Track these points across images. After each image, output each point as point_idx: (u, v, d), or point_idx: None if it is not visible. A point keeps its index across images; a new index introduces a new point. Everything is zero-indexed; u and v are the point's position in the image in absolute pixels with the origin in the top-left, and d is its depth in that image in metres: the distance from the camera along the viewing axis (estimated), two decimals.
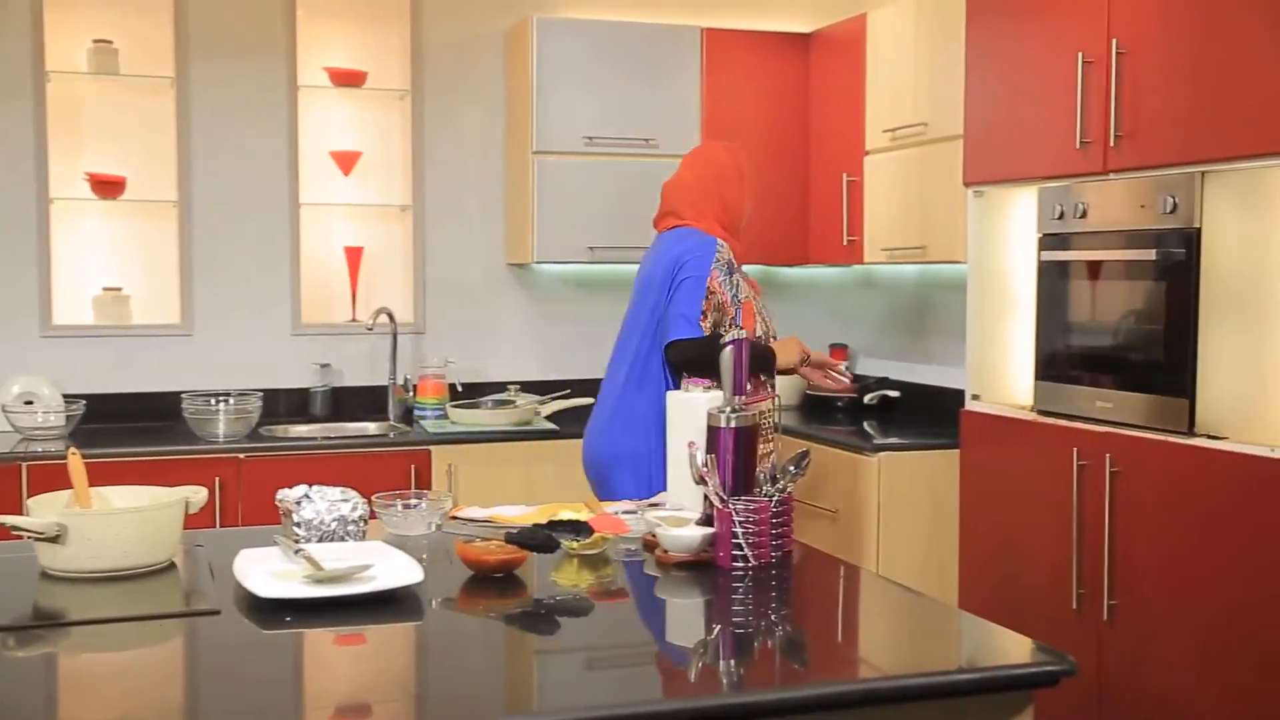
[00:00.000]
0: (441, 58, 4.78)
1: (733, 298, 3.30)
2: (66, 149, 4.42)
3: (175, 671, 1.81)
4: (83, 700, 1.68)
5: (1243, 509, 2.76)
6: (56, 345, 4.41)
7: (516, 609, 2.04)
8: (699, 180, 3.46)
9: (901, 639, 2.02)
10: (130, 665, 1.81)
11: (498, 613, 2.01)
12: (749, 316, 3.31)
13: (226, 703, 1.62)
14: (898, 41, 4.24)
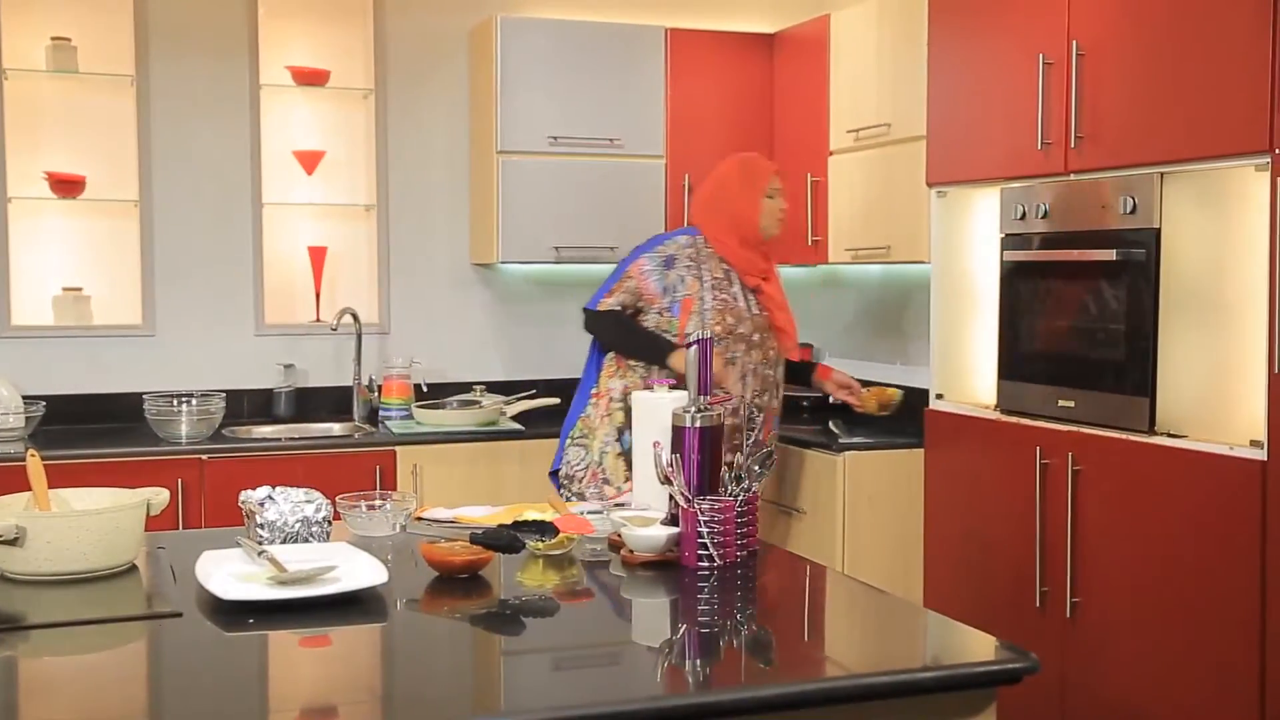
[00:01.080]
0: (405, 57, 4.76)
1: (662, 290, 3.49)
2: (25, 148, 4.37)
3: (137, 674, 1.80)
4: (43, 704, 1.66)
5: (1203, 507, 2.79)
6: (16, 346, 4.36)
7: (482, 610, 2.04)
8: (705, 191, 3.74)
9: (867, 638, 2.03)
10: (91, 668, 1.80)
11: (463, 613, 2.01)
12: (684, 315, 3.45)
13: (189, 706, 1.60)
14: (861, 42, 4.26)
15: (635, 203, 4.72)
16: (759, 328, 3.54)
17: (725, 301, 3.49)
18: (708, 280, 3.50)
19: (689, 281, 3.49)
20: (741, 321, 3.49)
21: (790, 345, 3.67)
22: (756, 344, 3.52)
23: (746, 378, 3.51)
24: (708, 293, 3.48)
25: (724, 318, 3.46)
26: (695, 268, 3.50)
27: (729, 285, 3.53)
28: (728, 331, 3.44)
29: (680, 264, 3.52)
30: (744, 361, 3.50)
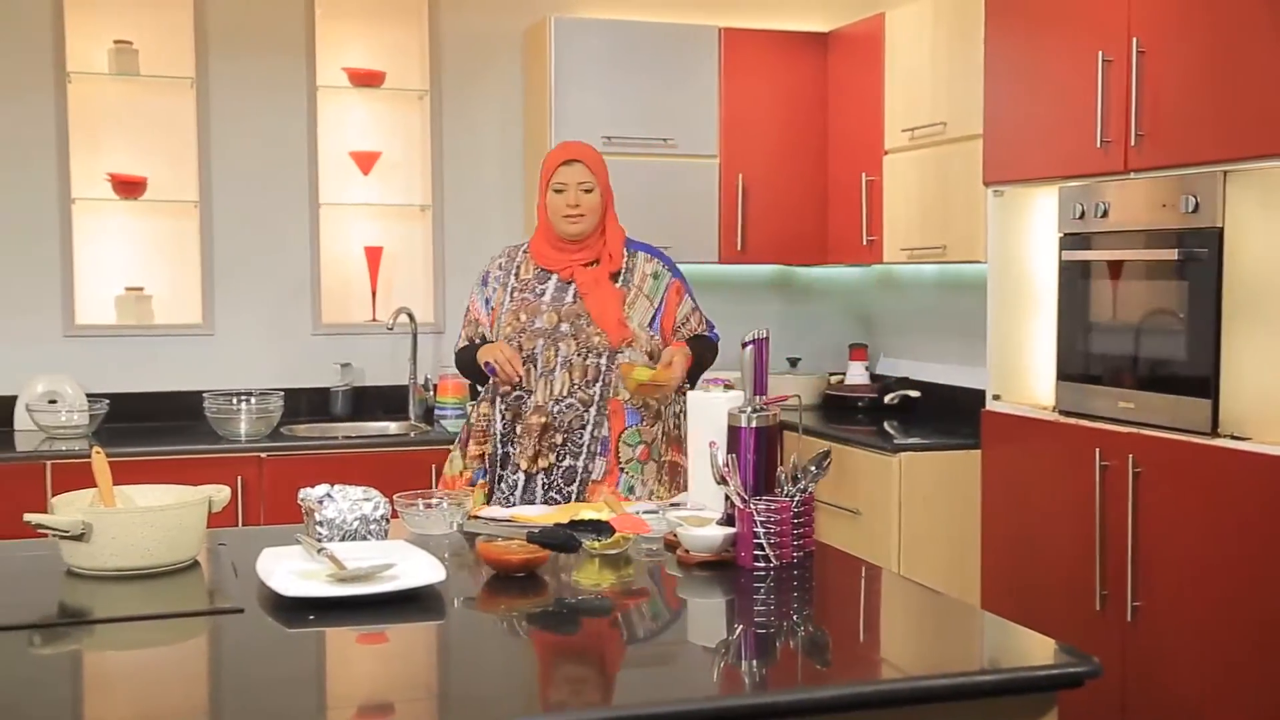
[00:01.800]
0: (460, 57, 4.79)
1: (485, 306, 3.30)
2: (88, 149, 4.44)
3: (200, 669, 1.82)
4: (107, 697, 1.69)
5: (1267, 509, 2.75)
6: (80, 345, 4.44)
7: (538, 608, 2.04)
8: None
9: (923, 639, 2.01)
10: (154, 662, 1.82)
11: (519, 612, 2.01)
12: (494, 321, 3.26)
13: (250, 700, 1.62)
14: (916, 40, 4.24)
15: (688, 203, 4.72)
16: (568, 317, 3.18)
17: (523, 301, 3.22)
18: (512, 285, 3.26)
19: (497, 292, 3.29)
20: (538, 315, 3.18)
21: (612, 333, 3.17)
22: (565, 335, 3.15)
23: (555, 372, 3.14)
24: (508, 297, 3.25)
25: (516, 317, 3.20)
26: (505, 275, 3.30)
27: (539, 284, 3.25)
28: (518, 331, 3.17)
29: (492, 277, 3.32)
30: (548, 357, 3.14)
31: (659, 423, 3.20)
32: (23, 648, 1.81)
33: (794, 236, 4.84)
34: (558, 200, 3.23)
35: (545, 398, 3.14)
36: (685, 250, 4.73)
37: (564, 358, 3.16)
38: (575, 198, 3.22)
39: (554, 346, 3.16)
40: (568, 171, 3.23)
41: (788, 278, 5.23)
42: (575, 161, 3.24)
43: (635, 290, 3.26)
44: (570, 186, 3.22)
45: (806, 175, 4.83)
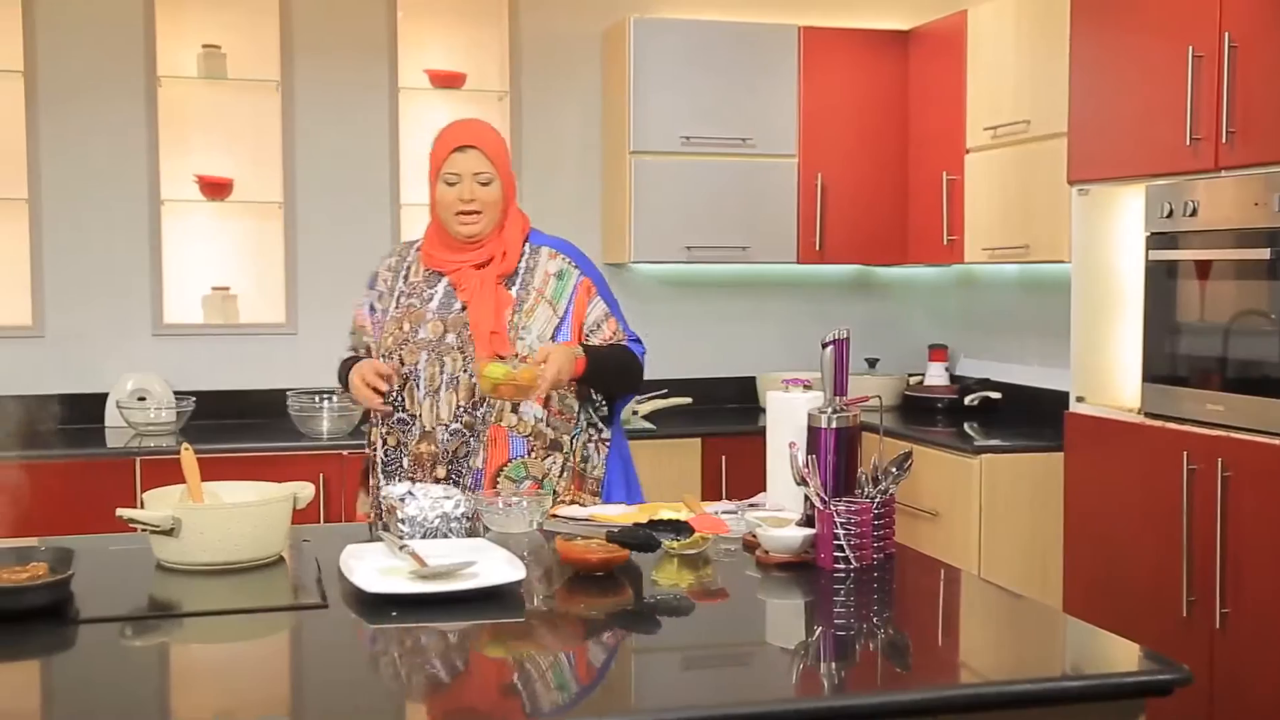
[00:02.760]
0: (539, 58, 4.81)
1: (369, 311, 2.85)
2: (176, 151, 4.53)
3: (284, 663, 1.85)
4: (193, 689, 1.72)
5: None
6: (168, 343, 4.53)
7: (617, 608, 2.05)
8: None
9: (1005, 643, 1.99)
10: (240, 656, 1.86)
11: (598, 611, 2.02)
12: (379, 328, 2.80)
13: (334, 694, 1.64)
14: (999, 37, 4.18)
15: (767, 202, 4.71)
16: (454, 326, 2.71)
17: (408, 308, 2.76)
18: (400, 289, 2.80)
19: (385, 296, 2.83)
20: (422, 325, 2.72)
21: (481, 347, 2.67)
22: (451, 348, 2.69)
23: (440, 391, 2.68)
24: (394, 303, 2.79)
25: (400, 326, 2.74)
26: (394, 278, 2.83)
27: (428, 288, 2.77)
28: (399, 343, 2.72)
29: (381, 280, 2.87)
30: (431, 374, 2.69)
31: (556, 455, 2.72)
32: (115, 639, 1.85)
33: (873, 236, 4.81)
34: (449, 194, 2.70)
35: (432, 422, 2.69)
36: (763, 250, 4.73)
37: (449, 375, 2.69)
38: (470, 190, 2.69)
39: (438, 361, 2.69)
40: (461, 160, 2.70)
41: (866, 278, 5.20)
42: (470, 148, 2.70)
43: (535, 295, 2.75)
44: (464, 177, 2.69)
45: (886, 174, 4.79)
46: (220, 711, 1.61)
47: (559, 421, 2.73)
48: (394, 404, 2.72)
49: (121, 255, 4.48)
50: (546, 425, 2.71)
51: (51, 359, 4.44)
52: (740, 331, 5.08)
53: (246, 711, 1.61)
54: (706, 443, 4.39)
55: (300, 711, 1.61)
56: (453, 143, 2.72)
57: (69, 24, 4.41)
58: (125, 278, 4.49)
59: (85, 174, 4.45)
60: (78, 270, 4.46)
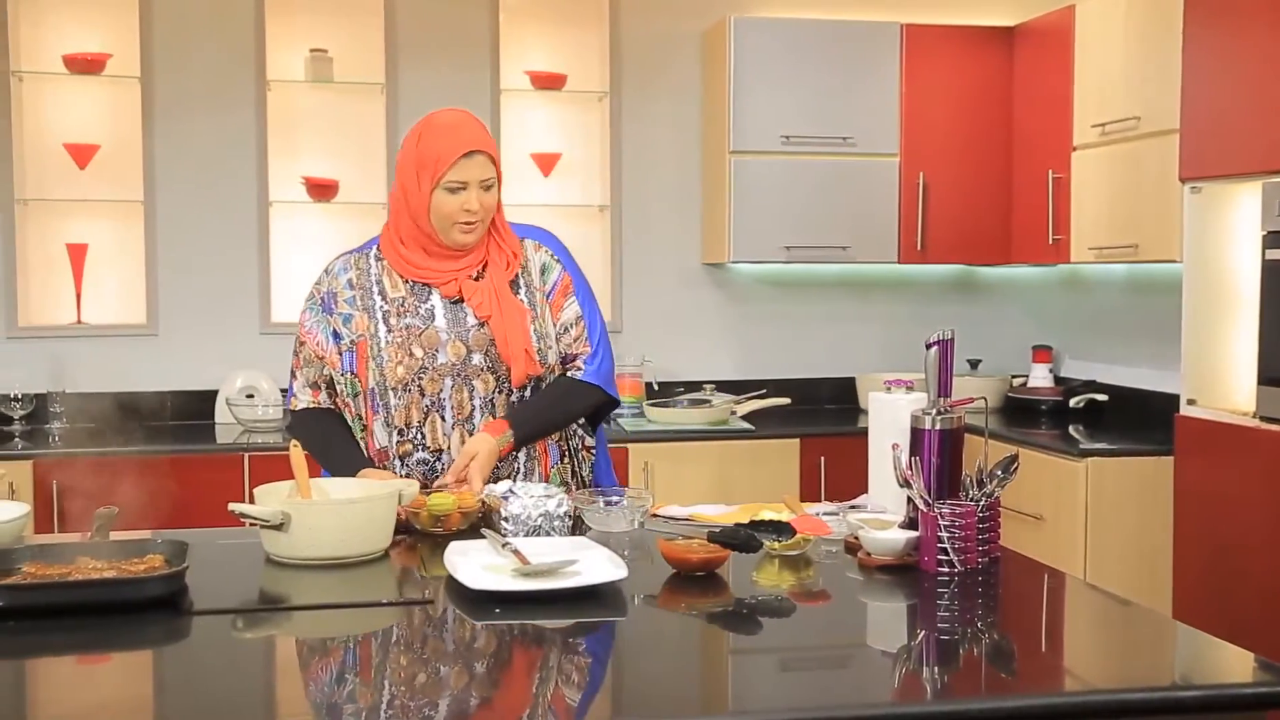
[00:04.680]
0: (639, 59, 4.83)
1: (331, 338, 2.57)
2: (284, 154, 4.62)
3: (390, 658, 1.88)
4: (301, 681, 1.75)
5: None
6: (275, 342, 4.62)
7: (718, 608, 2.05)
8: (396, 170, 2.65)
9: (1113, 651, 1.95)
10: (347, 650, 1.89)
11: (699, 611, 2.02)
12: (361, 366, 2.54)
13: (439, 690, 1.67)
14: (1108, 32, 4.10)
15: (868, 202, 4.67)
16: (478, 345, 2.53)
17: (410, 329, 2.52)
18: (379, 307, 2.54)
19: (356, 319, 2.54)
20: (441, 348, 2.52)
21: (517, 368, 2.53)
22: (480, 370, 2.53)
23: (474, 419, 2.53)
24: (378, 324, 2.53)
25: (408, 352, 2.51)
26: (361, 295, 2.56)
27: (419, 303, 2.55)
28: (414, 372, 2.51)
29: (342, 299, 2.57)
30: (459, 400, 2.53)
31: (566, 460, 2.70)
32: (227, 631, 1.89)
33: (976, 236, 4.75)
34: (452, 203, 2.49)
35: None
36: (863, 250, 4.69)
37: (483, 399, 2.54)
38: (475, 199, 2.50)
39: (466, 387, 2.53)
40: (469, 167, 2.48)
41: (968, 278, 5.13)
42: (477, 153, 2.50)
43: (540, 297, 2.61)
44: (471, 185, 2.49)
45: (989, 173, 4.73)
46: (326, 704, 1.64)
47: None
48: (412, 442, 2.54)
49: (231, 256, 4.59)
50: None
51: (165, 357, 4.57)
52: (839, 332, 5.04)
53: (353, 704, 1.64)
54: (805, 443, 4.37)
55: (405, 706, 1.63)
56: (459, 148, 2.48)
57: (184, 32, 4.52)
58: (235, 277, 4.60)
59: (198, 177, 4.57)
60: (190, 270, 4.57)
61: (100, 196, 4.50)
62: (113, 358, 4.53)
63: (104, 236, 4.55)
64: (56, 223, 4.53)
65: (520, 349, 2.51)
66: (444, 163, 2.47)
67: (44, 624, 1.86)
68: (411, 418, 2.53)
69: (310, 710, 1.64)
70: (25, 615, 1.87)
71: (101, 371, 4.51)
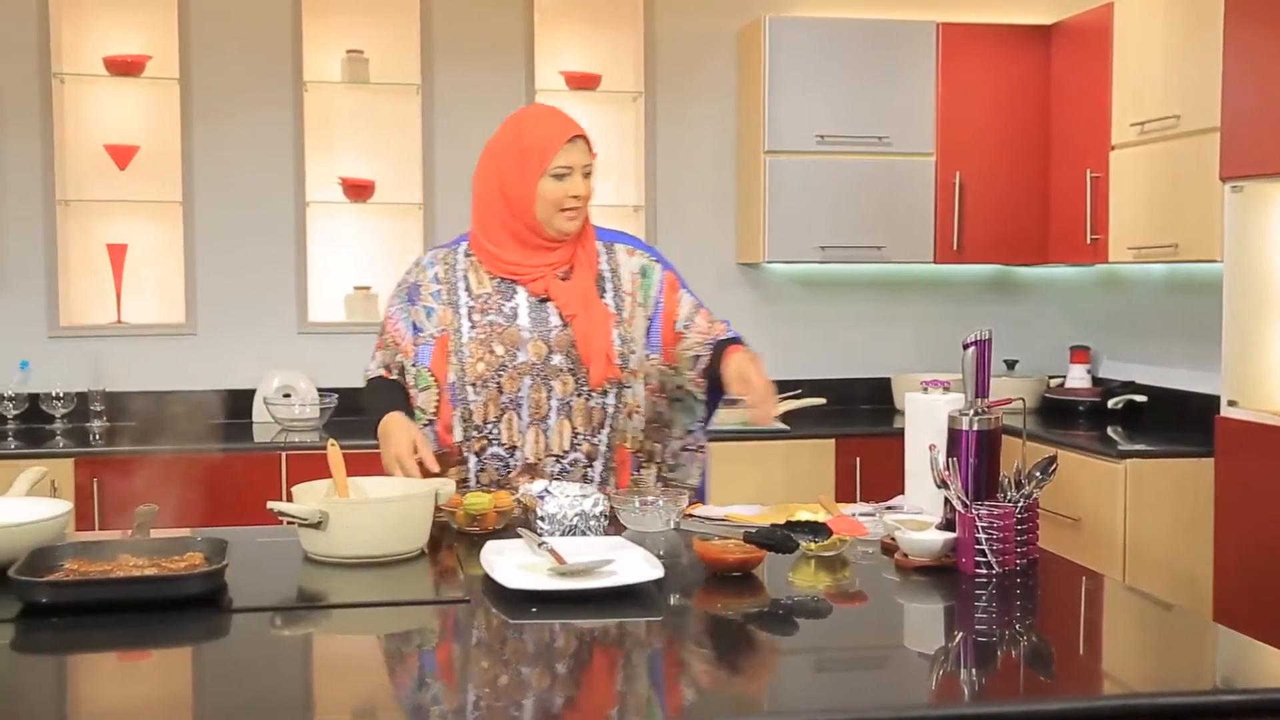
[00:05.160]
0: (674, 59, 4.83)
1: (410, 329, 2.62)
2: (321, 154, 4.65)
3: (427, 656, 1.89)
4: (336, 679, 1.76)
5: None
6: (312, 341, 4.65)
7: (754, 608, 2.04)
8: (477, 168, 2.69)
9: (1152, 653, 1.93)
10: (384, 648, 1.90)
11: (735, 611, 2.02)
12: (441, 359, 2.57)
13: (476, 688, 1.67)
14: (1147, 30, 4.07)
15: (904, 201, 4.65)
16: (560, 346, 2.55)
17: (493, 326, 2.55)
18: (464, 303, 2.57)
19: (440, 313, 2.59)
20: (522, 347, 2.54)
21: (596, 371, 2.54)
22: (560, 370, 2.54)
23: (550, 419, 2.55)
24: (463, 319, 2.57)
25: (489, 349, 2.53)
26: (446, 290, 2.60)
27: (504, 300, 2.57)
28: (494, 369, 2.53)
29: (426, 292, 2.62)
30: (537, 400, 2.54)
31: (650, 466, 2.69)
32: (265, 628, 1.91)
33: (1013, 235, 4.72)
34: (558, 189, 2.51)
35: (538, 453, 2.55)
36: (899, 250, 4.67)
37: (560, 400, 2.55)
38: (580, 185, 2.53)
39: (545, 387, 2.54)
40: (573, 152, 2.52)
41: (1005, 278, 5.10)
42: (579, 139, 2.55)
43: (629, 301, 2.62)
44: (575, 170, 2.52)
45: (1026, 172, 4.70)
46: (365, 700, 1.65)
47: (650, 430, 2.66)
48: (467, 448, 2.55)
49: (268, 255, 4.62)
50: (645, 438, 2.66)
51: (203, 356, 4.60)
52: (875, 332, 5.03)
53: (390, 701, 1.65)
54: (840, 444, 4.36)
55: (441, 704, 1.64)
56: (565, 134, 2.53)
57: (222, 34, 4.56)
58: (272, 277, 4.63)
59: (235, 177, 4.60)
60: (228, 270, 4.61)
61: (140, 197, 4.55)
62: (152, 357, 4.58)
63: (143, 237, 4.59)
64: (97, 223, 4.57)
65: (601, 351, 2.52)
66: (551, 149, 2.50)
67: (86, 620, 1.88)
68: (488, 414, 2.55)
69: (348, 708, 1.64)
70: (68, 612, 1.89)
71: (141, 370, 4.55)
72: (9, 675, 1.76)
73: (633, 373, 2.58)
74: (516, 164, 2.53)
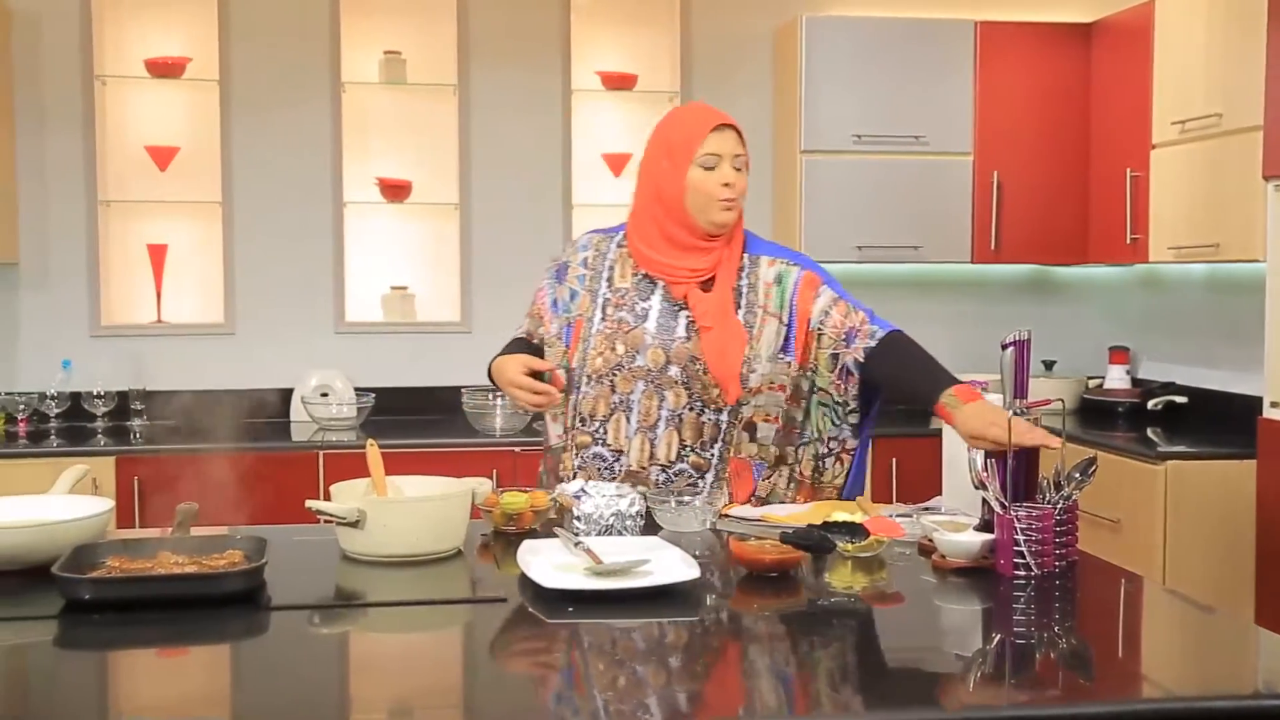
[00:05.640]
0: (710, 59, 4.83)
1: (552, 305, 2.63)
2: (358, 155, 4.68)
3: (464, 654, 1.89)
4: (375, 676, 1.77)
5: None
6: (349, 341, 4.68)
7: (790, 609, 2.04)
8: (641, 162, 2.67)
9: (1192, 657, 1.91)
10: (422, 646, 1.91)
11: (772, 612, 2.01)
12: (574, 344, 2.57)
13: (511, 687, 1.68)
14: (1189, 28, 4.03)
15: (941, 201, 4.63)
16: (679, 358, 2.50)
17: (620, 324, 2.53)
18: (602, 294, 2.57)
19: (581, 298, 2.58)
20: (642, 351, 2.51)
21: (728, 390, 2.49)
22: (674, 381, 2.50)
23: (658, 428, 2.51)
24: (598, 309, 2.56)
25: (610, 348, 2.51)
26: (593, 276, 2.59)
27: (640, 299, 2.55)
28: (611, 366, 2.51)
29: (573, 275, 2.61)
30: (648, 408, 2.51)
31: (781, 468, 2.61)
32: (304, 626, 1.92)
33: (1051, 235, 4.69)
34: (709, 180, 2.47)
35: (643, 461, 2.53)
36: (936, 250, 4.65)
37: (670, 411, 2.51)
38: (731, 173, 2.48)
39: (657, 395, 2.51)
40: (720, 140, 2.48)
41: (1043, 278, 5.07)
42: (728, 128, 2.51)
43: (761, 315, 2.55)
44: (725, 159, 2.48)
45: (1065, 172, 4.67)
46: (402, 698, 1.65)
47: (785, 435, 2.58)
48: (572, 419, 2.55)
49: (306, 256, 4.65)
50: (772, 443, 2.58)
51: (241, 355, 4.64)
52: (911, 332, 4.93)
53: (428, 699, 1.65)
54: (877, 444, 4.34)
55: (478, 703, 1.64)
56: (711, 122, 2.48)
57: (261, 35, 4.59)
58: (310, 277, 4.66)
59: (274, 177, 4.63)
60: (266, 270, 4.64)
61: (179, 197, 4.59)
62: (191, 356, 4.62)
63: (183, 237, 4.63)
64: (137, 223, 4.62)
65: (734, 369, 2.47)
66: (697, 138, 2.47)
67: (127, 617, 1.90)
68: (598, 410, 2.54)
69: (385, 705, 1.65)
70: (110, 608, 1.91)
71: (180, 370, 4.59)
72: (52, 670, 1.78)
73: (752, 390, 2.53)
74: (667, 158, 2.51)
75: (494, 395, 4.40)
